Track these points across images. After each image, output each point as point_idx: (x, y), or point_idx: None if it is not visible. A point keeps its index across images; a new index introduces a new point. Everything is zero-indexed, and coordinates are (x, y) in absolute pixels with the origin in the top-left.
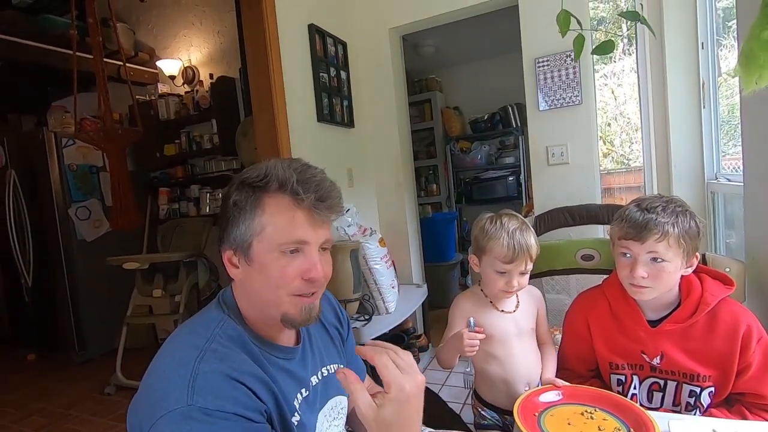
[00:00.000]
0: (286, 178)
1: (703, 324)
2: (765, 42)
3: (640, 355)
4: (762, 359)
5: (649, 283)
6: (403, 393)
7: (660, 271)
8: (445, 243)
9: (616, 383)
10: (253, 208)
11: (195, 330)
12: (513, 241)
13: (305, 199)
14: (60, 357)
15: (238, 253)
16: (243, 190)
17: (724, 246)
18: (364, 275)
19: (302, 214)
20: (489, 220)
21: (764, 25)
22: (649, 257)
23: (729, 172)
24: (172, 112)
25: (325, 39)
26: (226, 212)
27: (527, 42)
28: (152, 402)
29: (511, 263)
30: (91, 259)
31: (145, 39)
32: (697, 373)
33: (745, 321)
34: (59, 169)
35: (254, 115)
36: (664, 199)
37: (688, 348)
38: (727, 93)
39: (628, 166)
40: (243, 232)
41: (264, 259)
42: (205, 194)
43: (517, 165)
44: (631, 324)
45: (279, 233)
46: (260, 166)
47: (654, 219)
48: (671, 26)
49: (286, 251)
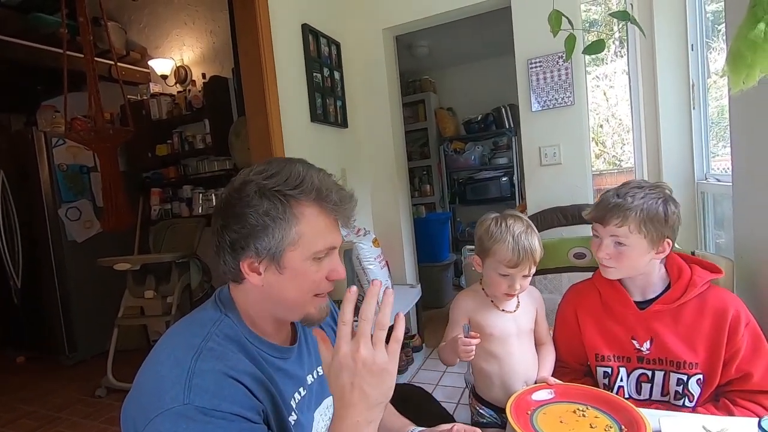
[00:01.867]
0: (322, 187)
1: (692, 308)
2: (752, 42)
3: (629, 344)
4: (751, 342)
5: (613, 264)
6: (337, 354)
7: (620, 254)
8: (439, 243)
9: (602, 375)
10: (289, 217)
11: (191, 329)
12: (518, 245)
13: (339, 210)
14: (50, 359)
15: (265, 262)
16: (275, 198)
17: (713, 245)
18: (358, 275)
19: (330, 221)
20: (494, 221)
21: (751, 26)
22: (612, 240)
23: (719, 172)
24: (164, 111)
25: (319, 39)
26: (248, 219)
27: (520, 43)
28: (147, 400)
29: (515, 267)
30: (82, 260)
31: (136, 38)
32: (684, 360)
33: (733, 306)
34: (49, 169)
35: (247, 115)
36: (647, 186)
37: (677, 331)
38: (717, 95)
39: (619, 167)
40: (277, 241)
41: (298, 267)
42: (198, 194)
43: (510, 165)
44: (620, 308)
45: (314, 242)
46: (284, 170)
47: (620, 204)
48: (661, 28)
49: (318, 258)
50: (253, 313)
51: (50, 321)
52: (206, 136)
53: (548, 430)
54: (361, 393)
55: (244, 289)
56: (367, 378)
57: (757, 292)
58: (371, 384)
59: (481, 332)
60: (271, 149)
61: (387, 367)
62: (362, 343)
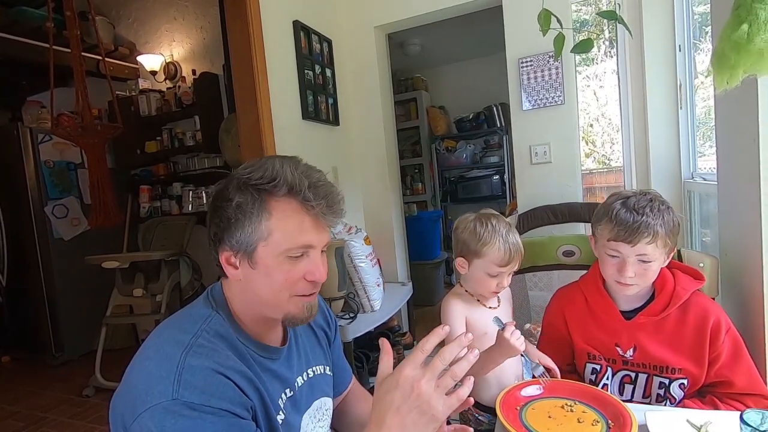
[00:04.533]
0: (295, 182)
1: (675, 316)
2: (735, 43)
3: (614, 349)
4: (731, 349)
5: (636, 281)
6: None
7: (646, 270)
8: (431, 241)
9: (590, 371)
10: (260, 211)
11: (181, 325)
12: (508, 244)
13: (315, 207)
14: (36, 359)
15: (240, 256)
16: (247, 191)
17: (699, 243)
18: (349, 273)
19: (310, 219)
20: (478, 222)
21: (735, 27)
22: (638, 258)
23: (706, 172)
24: (153, 108)
25: (311, 36)
26: (225, 213)
27: (511, 42)
28: (135, 396)
29: (507, 266)
30: (69, 258)
31: (125, 33)
32: (667, 365)
33: (714, 313)
34: (35, 166)
35: (238, 112)
36: (647, 196)
37: (661, 340)
38: (704, 95)
39: (609, 166)
40: (248, 235)
41: (269, 263)
42: (188, 192)
43: (501, 164)
44: (606, 318)
45: (287, 239)
46: (264, 165)
47: (645, 222)
48: (650, 29)
49: (292, 256)
50: (239, 310)
51: (36, 320)
52: (196, 133)
53: (537, 425)
54: (401, 422)
55: (230, 284)
56: (414, 411)
57: (740, 288)
58: (413, 420)
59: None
60: (261, 147)
61: (436, 413)
62: (428, 376)
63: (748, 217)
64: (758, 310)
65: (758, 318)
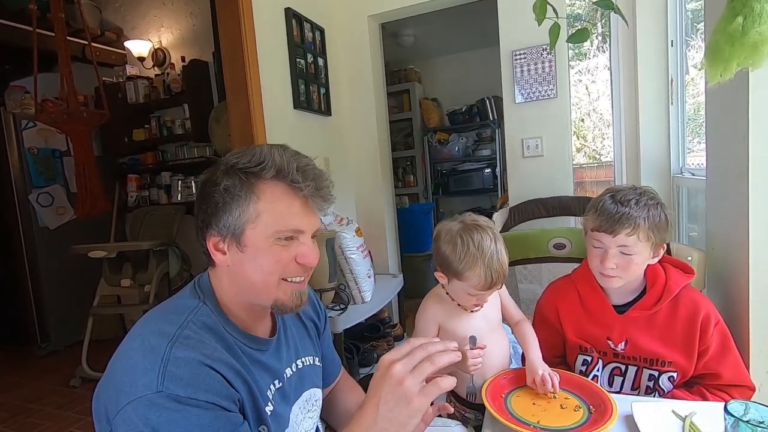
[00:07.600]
0: (284, 165)
1: (666, 310)
2: (729, 35)
3: (605, 342)
4: (719, 342)
5: (618, 273)
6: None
7: (628, 263)
8: (422, 234)
9: (581, 362)
10: (248, 194)
11: (167, 316)
12: (491, 270)
13: (304, 189)
14: (21, 350)
15: (228, 240)
16: (235, 175)
17: (687, 237)
18: (340, 264)
19: (299, 203)
20: (459, 238)
21: (729, 20)
22: (619, 250)
23: (694, 167)
24: (141, 95)
25: (303, 24)
26: (213, 198)
27: (505, 34)
28: (119, 388)
29: (488, 290)
30: (55, 247)
31: (112, 18)
32: (657, 358)
33: (704, 307)
34: (18, 153)
35: (228, 100)
36: (638, 191)
37: (652, 333)
38: (694, 91)
39: (599, 161)
40: (235, 218)
41: (258, 246)
42: (177, 181)
43: (493, 157)
44: (599, 311)
45: (275, 221)
46: (252, 151)
47: (627, 213)
48: (643, 24)
49: (281, 238)
50: (227, 300)
51: (21, 310)
52: (185, 121)
53: (521, 411)
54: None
55: (217, 273)
56: (388, 394)
57: (726, 281)
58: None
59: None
60: (252, 136)
61: (411, 398)
62: (405, 361)
63: (736, 212)
64: (743, 303)
65: (743, 310)
